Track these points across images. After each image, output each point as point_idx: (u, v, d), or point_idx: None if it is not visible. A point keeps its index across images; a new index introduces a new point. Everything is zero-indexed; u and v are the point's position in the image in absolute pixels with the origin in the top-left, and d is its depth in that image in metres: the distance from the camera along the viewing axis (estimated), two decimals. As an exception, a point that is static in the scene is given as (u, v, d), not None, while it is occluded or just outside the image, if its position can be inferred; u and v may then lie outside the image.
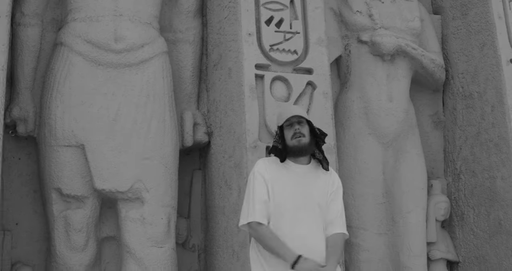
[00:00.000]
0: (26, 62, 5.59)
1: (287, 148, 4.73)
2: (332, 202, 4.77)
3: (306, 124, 4.76)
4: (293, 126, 4.71)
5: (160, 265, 5.27)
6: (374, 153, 6.00)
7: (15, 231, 5.54)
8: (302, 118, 4.73)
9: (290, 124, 4.72)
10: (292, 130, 4.71)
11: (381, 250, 5.92)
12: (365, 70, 6.10)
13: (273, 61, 5.38)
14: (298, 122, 4.72)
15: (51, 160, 5.33)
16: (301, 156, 4.74)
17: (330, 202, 4.76)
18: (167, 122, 5.48)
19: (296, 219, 4.61)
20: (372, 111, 6.01)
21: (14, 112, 5.48)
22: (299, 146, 4.69)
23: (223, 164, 5.51)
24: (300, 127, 4.70)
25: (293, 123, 4.71)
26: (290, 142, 4.71)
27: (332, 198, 4.79)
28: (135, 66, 5.47)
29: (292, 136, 4.70)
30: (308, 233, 4.61)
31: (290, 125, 4.72)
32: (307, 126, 4.76)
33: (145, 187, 5.30)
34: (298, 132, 4.69)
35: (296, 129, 4.69)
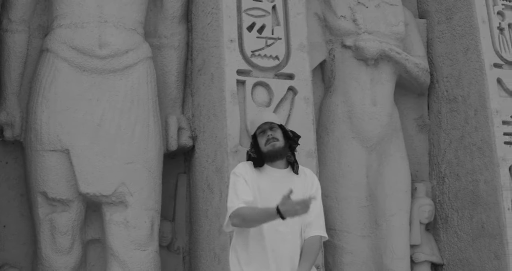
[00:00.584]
0: (12, 68, 5.74)
1: (262, 154, 4.87)
2: (314, 207, 4.80)
3: (279, 128, 4.90)
4: (265, 133, 4.85)
5: (143, 268, 5.42)
6: (357, 156, 6.11)
7: (2, 233, 5.68)
8: (274, 123, 4.88)
9: (263, 131, 4.87)
10: (265, 137, 4.85)
11: (364, 252, 6.03)
12: (349, 75, 6.22)
13: (255, 67, 5.52)
14: (270, 128, 4.86)
15: (36, 164, 5.48)
16: (277, 159, 4.87)
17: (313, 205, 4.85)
18: (151, 127, 5.62)
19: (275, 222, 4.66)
20: (356, 116, 6.13)
21: (1, 117, 5.64)
22: (273, 150, 4.83)
23: (206, 168, 5.65)
24: (273, 132, 4.85)
25: (265, 130, 4.86)
26: (264, 148, 4.85)
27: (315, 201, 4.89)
28: (120, 72, 5.61)
29: (266, 142, 4.84)
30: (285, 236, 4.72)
31: (263, 132, 4.87)
32: (280, 130, 4.90)
33: (128, 191, 5.45)
34: (271, 137, 4.83)
35: (269, 135, 4.83)
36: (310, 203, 4.37)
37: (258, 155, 4.87)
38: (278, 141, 4.84)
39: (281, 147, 4.85)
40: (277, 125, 4.89)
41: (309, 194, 4.87)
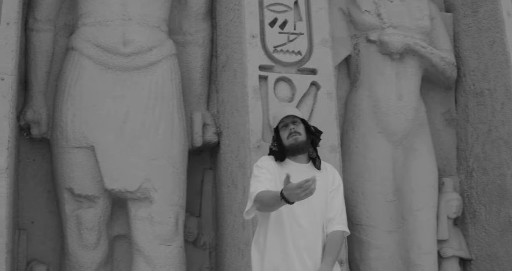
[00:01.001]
0: (39, 67, 5.82)
1: (284, 148, 4.88)
2: (333, 200, 4.87)
3: (301, 123, 4.91)
4: (288, 127, 4.87)
5: (168, 263, 5.46)
6: (383, 151, 6.08)
7: (30, 229, 5.78)
8: (296, 117, 4.89)
9: (285, 125, 4.88)
10: (287, 131, 4.87)
11: (391, 247, 5.99)
12: (374, 69, 6.20)
13: (277, 62, 5.53)
14: (293, 122, 4.88)
15: (63, 161, 5.55)
16: (299, 153, 4.89)
17: (331, 200, 4.87)
18: (175, 123, 5.66)
19: (296, 216, 4.72)
20: (381, 110, 6.10)
21: (28, 115, 5.72)
22: (296, 144, 4.85)
23: (231, 163, 5.69)
24: (295, 126, 4.86)
25: (287, 123, 4.88)
26: (286, 142, 4.87)
27: (333, 195, 4.90)
28: (144, 69, 5.66)
29: (288, 135, 4.86)
30: (307, 231, 4.73)
31: (285, 126, 4.88)
32: (302, 125, 4.92)
33: (153, 187, 5.49)
34: (294, 131, 4.85)
35: (291, 129, 4.85)
36: (312, 184, 4.28)
37: (280, 148, 4.89)
38: (300, 135, 4.86)
39: (303, 141, 4.87)
40: (300, 120, 4.91)
41: (330, 189, 4.90)
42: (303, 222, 4.73)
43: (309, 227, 4.74)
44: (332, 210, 4.85)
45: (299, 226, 4.72)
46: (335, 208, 4.86)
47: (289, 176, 4.38)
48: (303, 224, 4.73)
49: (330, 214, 4.84)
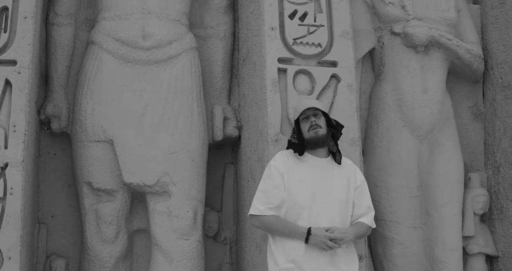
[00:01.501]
0: (59, 61, 5.80)
1: (304, 141, 4.78)
2: (360, 198, 4.83)
3: (322, 116, 4.81)
4: (309, 119, 4.76)
5: (185, 257, 5.40)
6: (408, 145, 5.95)
7: (50, 223, 5.77)
8: (318, 110, 4.78)
9: (306, 117, 4.78)
10: (308, 123, 4.77)
11: (415, 244, 5.88)
12: (398, 62, 6.07)
13: (297, 55, 5.43)
14: (314, 114, 4.78)
15: (82, 154, 5.51)
16: (318, 147, 4.80)
17: (358, 198, 4.82)
18: (194, 117, 5.59)
19: (314, 213, 4.66)
20: (406, 103, 5.97)
21: (48, 109, 5.70)
22: (316, 137, 4.75)
23: (250, 157, 5.60)
24: (316, 119, 4.76)
25: (309, 116, 4.77)
26: (307, 134, 4.77)
27: (360, 193, 4.85)
28: (163, 63, 5.58)
29: (309, 128, 4.76)
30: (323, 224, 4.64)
31: (306, 118, 4.78)
32: (323, 118, 4.81)
33: (171, 181, 5.42)
34: (315, 124, 4.75)
35: (312, 122, 4.75)
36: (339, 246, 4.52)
37: (300, 141, 4.79)
38: (321, 128, 4.76)
39: (323, 134, 4.77)
40: (321, 113, 4.80)
41: (354, 186, 4.82)
42: (321, 220, 4.66)
43: (327, 224, 4.66)
44: (361, 207, 4.81)
45: (317, 224, 4.64)
46: (364, 206, 4.83)
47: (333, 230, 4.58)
48: (320, 221, 4.65)
49: (359, 212, 4.81)
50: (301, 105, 4.84)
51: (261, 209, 4.69)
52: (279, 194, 4.68)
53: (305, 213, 4.66)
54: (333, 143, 4.88)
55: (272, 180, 4.72)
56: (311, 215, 4.66)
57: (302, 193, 4.69)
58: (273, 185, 4.70)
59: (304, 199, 4.68)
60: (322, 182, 4.75)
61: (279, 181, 4.71)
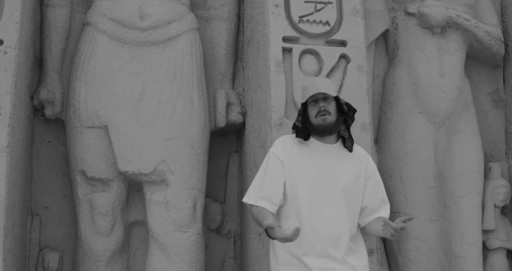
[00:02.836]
0: (54, 44, 5.33)
1: (311, 126, 4.24)
2: (373, 190, 4.34)
3: (333, 100, 4.25)
4: (318, 103, 4.21)
5: (183, 251, 4.90)
6: (424, 133, 5.44)
7: (43, 215, 5.34)
8: (328, 94, 4.22)
9: (315, 101, 4.22)
10: (316, 108, 4.21)
11: (432, 238, 5.38)
12: (413, 44, 5.54)
13: (303, 34, 4.90)
14: (324, 98, 4.21)
15: (75, 141, 5.05)
16: (326, 135, 4.25)
17: (371, 190, 4.33)
18: (194, 101, 5.09)
19: (316, 202, 4.16)
20: (422, 88, 5.45)
21: (42, 94, 5.23)
22: (324, 125, 4.20)
23: (254, 144, 5.08)
24: (326, 104, 4.20)
25: (318, 99, 4.21)
26: (314, 120, 4.22)
27: (372, 184, 4.35)
28: (162, 44, 5.11)
29: (317, 113, 4.20)
30: (330, 218, 4.16)
31: (315, 101, 4.22)
32: (334, 102, 4.25)
33: (169, 169, 4.94)
34: (324, 110, 4.19)
35: (321, 107, 4.19)
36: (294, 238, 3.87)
37: (303, 125, 4.25)
38: (330, 115, 4.19)
39: (332, 122, 4.21)
40: (332, 97, 4.24)
41: (364, 176, 4.30)
42: (325, 209, 4.15)
43: (332, 214, 4.16)
44: (376, 199, 4.33)
45: (320, 214, 4.14)
46: (379, 198, 4.36)
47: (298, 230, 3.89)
48: (325, 211, 4.15)
49: (374, 204, 4.32)
50: (311, 86, 4.26)
51: (252, 197, 4.22)
52: (275, 186, 4.19)
53: (306, 204, 4.16)
54: (344, 127, 4.33)
55: (270, 168, 4.23)
56: (313, 207, 4.16)
57: (303, 182, 4.19)
58: (270, 174, 4.21)
59: (305, 189, 4.18)
60: (326, 170, 4.23)
61: (278, 170, 4.21)
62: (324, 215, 4.14)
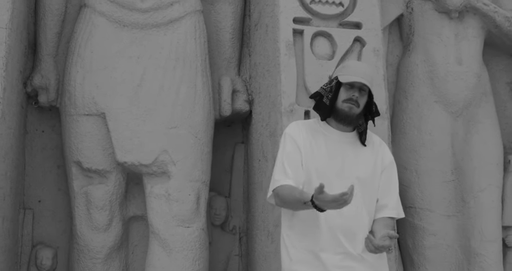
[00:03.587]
0: (48, 27, 4.92)
1: (333, 108, 3.81)
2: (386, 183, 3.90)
3: (367, 94, 3.82)
4: (352, 89, 3.76)
5: (186, 247, 4.50)
6: (441, 123, 5.07)
7: (37, 209, 4.96)
8: (367, 86, 3.80)
9: (351, 87, 3.78)
10: (349, 93, 3.76)
11: (449, 234, 5.01)
12: (429, 30, 5.16)
13: (315, 15, 4.48)
14: (360, 88, 3.78)
15: (70, 130, 4.64)
16: (343, 123, 3.82)
17: (384, 182, 3.89)
18: (198, 88, 4.68)
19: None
20: (439, 76, 5.08)
21: (35, 80, 4.83)
22: (347, 113, 3.77)
23: (262, 133, 4.65)
24: (360, 95, 3.77)
25: (354, 87, 3.77)
26: (340, 104, 3.77)
27: (387, 175, 3.91)
28: (164, 27, 4.71)
29: (347, 99, 3.76)
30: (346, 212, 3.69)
31: (351, 87, 3.78)
32: (366, 96, 3.83)
33: (171, 159, 4.54)
34: (355, 100, 3.76)
35: (354, 96, 3.75)
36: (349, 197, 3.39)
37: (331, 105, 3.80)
38: (357, 107, 3.78)
39: (355, 113, 3.78)
40: (369, 90, 3.82)
41: (380, 168, 3.87)
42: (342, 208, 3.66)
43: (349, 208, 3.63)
44: (386, 195, 3.87)
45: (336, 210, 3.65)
46: (392, 194, 3.89)
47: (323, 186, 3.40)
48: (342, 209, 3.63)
49: (384, 200, 3.86)
50: (356, 71, 3.80)
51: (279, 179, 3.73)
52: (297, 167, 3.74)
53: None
54: (362, 120, 3.90)
55: (288, 150, 3.77)
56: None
57: (317, 172, 3.75)
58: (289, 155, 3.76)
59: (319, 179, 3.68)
60: (341, 157, 3.81)
61: (295, 152, 3.76)
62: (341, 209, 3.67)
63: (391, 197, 3.89)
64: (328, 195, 3.39)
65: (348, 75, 3.78)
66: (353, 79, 3.74)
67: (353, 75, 3.77)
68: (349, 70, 3.81)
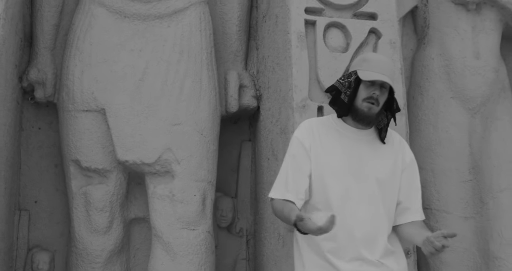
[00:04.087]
0: (45, 18, 4.64)
1: (352, 106, 3.58)
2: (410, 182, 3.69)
3: (387, 91, 3.59)
4: (373, 87, 3.53)
5: (191, 251, 4.21)
6: (458, 120, 4.81)
7: (33, 210, 4.68)
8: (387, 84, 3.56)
9: (372, 84, 3.54)
10: (369, 91, 3.53)
11: (467, 237, 4.75)
12: (445, 23, 4.90)
13: (328, 5, 4.19)
14: (381, 86, 3.55)
15: (68, 127, 4.36)
16: (361, 123, 3.60)
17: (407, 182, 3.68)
18: (204, 82, 4.40)
19: (349, 197, 3.50)
20: (455, 71, 4.81)
21: (31, 75, 4.56)
22: (366, 114, 3.55)
23: (271, 131, 4.36)
24: (380, 94, 3.54)
25: (375, 83, 3.54)
26: (359, 103, 3.56)
27: (409, 175, 3.69)
28: (167, 18, 4.43)
29: (367, 97, 3.54)
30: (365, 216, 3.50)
31: (372, 84, 3.54)
32: (387, 93, 3.59)
33: (175, 158, 4.25)
34: (375, 98, 3.53)
35: (374, 94, 3.52)
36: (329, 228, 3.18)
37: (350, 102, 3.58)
38: (377, 106, 3.55)
39: (374, 113, 3.56)
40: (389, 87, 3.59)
41: (401, 167, 3.65)
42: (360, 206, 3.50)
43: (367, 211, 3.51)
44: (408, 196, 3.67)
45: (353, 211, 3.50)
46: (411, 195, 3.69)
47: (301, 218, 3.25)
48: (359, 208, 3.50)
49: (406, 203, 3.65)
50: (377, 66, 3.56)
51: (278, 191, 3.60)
52: (300, 178, 3.54)
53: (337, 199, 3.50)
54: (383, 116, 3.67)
55: (293, 158, 3.58)
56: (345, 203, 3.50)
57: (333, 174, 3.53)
58: (294, 164, 3.56)
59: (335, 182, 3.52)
60: (358, 157, 3.58)
61: (302, 160, 3.55)
62: (358, 212, 3.49)
63: (413, 199, 3.69)
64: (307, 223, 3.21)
65: (369, 72, 3.54)
66: (374, 77, 3.51)
67: (374, 71, 3.54)
68: (370, 65, 3.57)
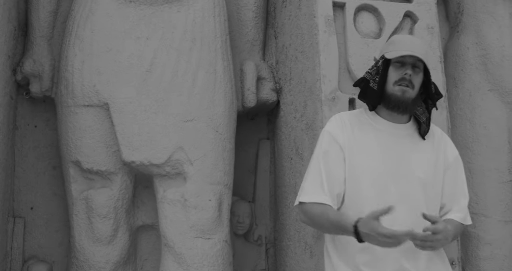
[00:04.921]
0: (41, 5, 4.21)
1: (383, 93, 3.14)
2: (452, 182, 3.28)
3: (422, 72, 3.14)
4: (403, 67, 3.10)
5: (206, 263, 3.75)
6: (497, 115, 4.39)
7: (28, 217, 4.27)
8: (421, 62, 3.12)
9: (402, 65, 3.11)
10: (400, 73, 3.10)
11: (507, 243, 4.33)
12: (481, 8, 4.47)
13: (358, -15, 3.75)
14: (413, 65, 3.11)
15: (68, 124, 3.91)
16: (396, 111, 3.15)
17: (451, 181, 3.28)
18: (218, 74, 3.95)
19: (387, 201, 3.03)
20: (493, 61, 4.38)
21: (26, 66, 4.12)
22: (400, 98, 3.11)
23: (294, 127, 3.89)
24: (413, 74, 3.10)
25: (405, 63, 3.11)
26: (390, 87, 3.12)
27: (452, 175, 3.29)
28: (177, 2, 3.97)
29: (398, 80, 3.10)
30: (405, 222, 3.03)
31: (402, 65, 3.11)
32: (421, 74, 3.15)
33: (188, 158, 3.80)
34: (408, 80, 3.09)
35: (406, 74, 3.08)
36: (406, 239, 2.86)
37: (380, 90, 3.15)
38: (412, 89, 3.11)
39: (411, 97, 3.13)
40: (423, 66, 3.15)
41: (443, 166, 3.22)
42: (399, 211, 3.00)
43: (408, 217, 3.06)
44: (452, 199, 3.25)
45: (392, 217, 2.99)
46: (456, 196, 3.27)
47: (392, 209, 2.87)
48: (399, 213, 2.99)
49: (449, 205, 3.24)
50: (403, 44, 3.15)
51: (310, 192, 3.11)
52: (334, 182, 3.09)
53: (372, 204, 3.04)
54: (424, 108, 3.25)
55: (329, 156, 3.11)
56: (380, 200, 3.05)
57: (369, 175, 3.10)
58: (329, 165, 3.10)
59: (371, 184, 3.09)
60: (396, 155, 3.15)
61: (336, 158, 3.11)
62: (397, 218, 3.00)
63: (457, 201, 3.25)
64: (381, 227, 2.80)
65: (395, 51, 3.10)
66: (403, 53, 3.07)
67: (400, 48, 3.11)
68: (397, 46, 3.14)
